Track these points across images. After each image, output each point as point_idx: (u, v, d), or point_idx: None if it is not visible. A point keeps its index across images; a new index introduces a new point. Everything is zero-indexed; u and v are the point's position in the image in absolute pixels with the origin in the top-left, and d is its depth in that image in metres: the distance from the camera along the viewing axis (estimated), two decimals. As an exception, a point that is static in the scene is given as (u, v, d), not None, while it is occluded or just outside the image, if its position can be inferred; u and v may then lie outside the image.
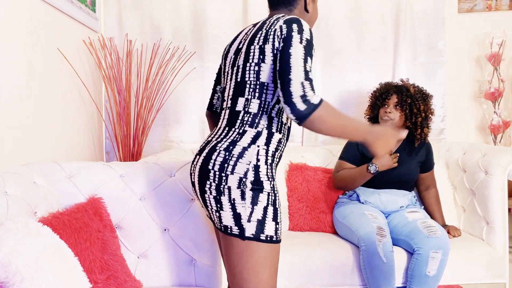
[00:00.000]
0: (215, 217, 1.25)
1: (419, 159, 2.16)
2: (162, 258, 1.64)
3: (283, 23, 1.23)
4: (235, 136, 1.25)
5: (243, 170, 1.20)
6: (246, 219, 1.19)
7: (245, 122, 1.26)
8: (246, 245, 1.20)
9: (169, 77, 2.58)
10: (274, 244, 1.22)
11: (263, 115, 1.26)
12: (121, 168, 1.71)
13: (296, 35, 1.20)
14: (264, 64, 1.24)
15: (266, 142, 1.25)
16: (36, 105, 1.87)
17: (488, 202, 2.08)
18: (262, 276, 1.21)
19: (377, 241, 1.79)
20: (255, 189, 1.20)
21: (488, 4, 2.81)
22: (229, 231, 1.21)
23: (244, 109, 1.27)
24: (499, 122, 2.70)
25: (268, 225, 1.21)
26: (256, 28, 1.32)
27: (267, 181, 1.22)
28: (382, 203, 2.10)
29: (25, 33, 1.79)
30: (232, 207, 1.20)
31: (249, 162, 1.20)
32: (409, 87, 2.13)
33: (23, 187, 1.41)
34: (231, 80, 1.34)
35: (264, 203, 1.20)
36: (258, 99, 1.26)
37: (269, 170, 1.23)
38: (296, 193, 2.26)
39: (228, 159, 1.21)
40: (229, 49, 1.42)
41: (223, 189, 1.20)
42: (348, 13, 2.73)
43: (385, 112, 2.11)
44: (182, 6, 2.72)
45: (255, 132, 1.25)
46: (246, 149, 1.22)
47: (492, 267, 1.97)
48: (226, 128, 1.30)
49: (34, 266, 0.98)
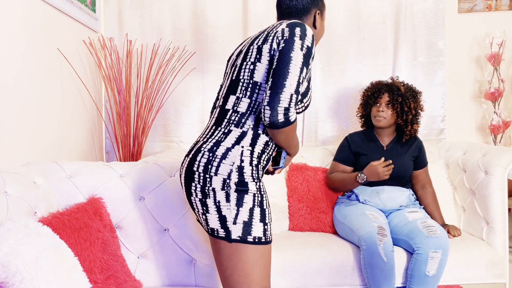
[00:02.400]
0: (202, 220, 1.24)
1: (412, 154, 2.20)
2: (162, 258, 1.64)
3: (285, 26, 1.24)
4: (220, 136, 1.24)
5: (226, 171, 1.18)
6: (232, 221, 1.18)
7: (231, 121, 1.25)
8: (233, 247, 1.19)
9: (169, 77, 2.58)
10: (264, 245, 1.21)
11: (251, 115, 1.25)
12: (121, 168, 1.71)
13: (298, 40, 1.20)
14: (260, 63, 1.24)
15: (252, 143, 1.23)
16: (37, 105, 1.87)
17: (488, 202, 2.08)
18: (253, 277, 1.20)
19: (378, 241, 1.80)
20: (240, 191, 1.18)
21: (488, 4, 2.81)
22: (216, 233, 1.20)
23: (233, 107, 1.26)
24: (499, 122, 2.70)
25: (255, 226, 1.19)
26: (260, 32, 1.34)
27: (252, 182, 1.20)
28: (381, 201, 2.10)
29: (25, 33, 1.79)
30: (218, 210, 1.18)
31: (233, 163, 1.19)
32: (399, 85, 2.19)
33: (23, 187, 1.41)
34: (227, 79, 1.35)
35: (250, 205, 1.19)
36: (249, 98, 1.25)
37: (254, 171, 1.22)
38: (296, 193, 2.26)
39: (211, 160, 1.19)
40: (234, 52, 1.44)
41: (208, 191, 1.19)
42: (348, 13, 2.73)
43: (377, 110, 2.17)
44: (182, 6, 2.72)
45: (240, 132, 1.24)
46: (230, 149, 1.21)
47: (492, 267, 1.97)
48: (213, 127, 1.29)
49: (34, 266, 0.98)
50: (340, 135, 2.73)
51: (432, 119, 2.74)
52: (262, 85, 1.24)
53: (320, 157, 2.45)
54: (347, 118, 2.75)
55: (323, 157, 2.45)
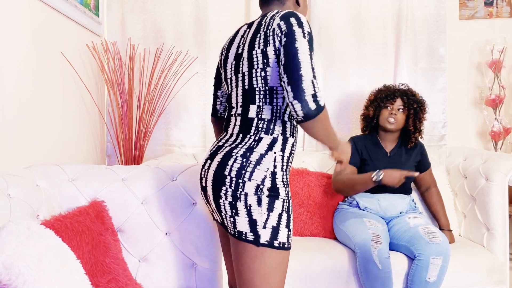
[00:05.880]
0: (228, 223, 1.23)
1: (415, 159, 2.20)
2: (163, 262, 1.64)
3: (279, 20, 1.21)
4: (251, 143, 1.24)
5: (260, 177, 1.19)
6: (262, 226, 1.18)
7: (260, 129, 1.25)
8: (259, 251, 1.19)
9: (171, 82, 2.59)
10: (286, 250, 1.22)
11: (277, 120, 1.25)
12: (123, 171, 1.71)
13: (298, 29, 1.18)
14: (270, 68, 1.22)
15: (282, 148, 1.24)
16: (39, 108, 1.88)
17: (488, 208, 2.08)
18: (272, 282, 1.21)
19: (372, 248, 1.79)
20: (272, 196, 1.19)
21: (489, 11, 2.82)
22: (244, 237, 1.20)
23: (257, 116, 1.26)
24: (500, 129, 2.71)
25: (282, 231, 1.20)
26: (252, 30, 1.30)
27: (283, 187, 1.22)
28: (381, 208, 2.10)
29: (29, 36, 1.80)
30: (248, 213, 1.19)
31: (267, 169, 1.20)
32: (413, 92, 2.20)
33: (25, 190, 1.41)
34: (237, 87, 1.32)
35: (279, 210, 1.20)
36: (270, 104, 1.25)
37: (284, 177, 1.23)
38: (297, 198, 2.26)
39: (245, 165, 1.20)
40: (227, 54, 1.40)
41: (239, 195, 1.19)
42: (349, 19, 2.74)
43: (390, 113, 2.15)
44: (184, 10, 2.73)
45: (271, 138, 1.24)
46: (264, 155, 1.21)
47: (493, 273, 1.97)
48: (240, 134, 1.28)
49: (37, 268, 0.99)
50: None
51: (433, 125, 2.74)
52: (278, 89, 1.24)
53: (321, 162, 2.45)
54: (347, 123, 2.76)
55: (324, 162, 2.45)
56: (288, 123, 1.26)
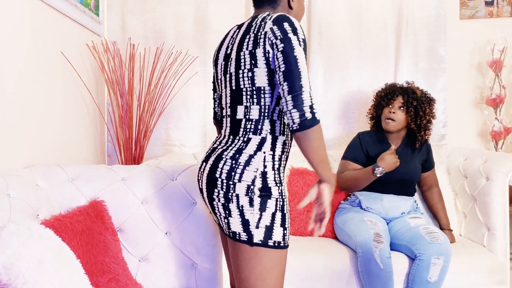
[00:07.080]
0: (223, 223, 1.25)
1: (421, 158, 2.19)
2: (163, 262, 1.64)
3: (272, 25, 1.20)
4: (240, 144, 1.25)
5: (250, 177, 1.19)
6: (255, 226, 1.19)
7: (248, 129, 1.26)
8: (254, 251, 1.20)
9: (171, 81, 2.58)
10: (282, 249, 1.22)
11: (265, 120, 1.25)
12: (123, 171, 1.71)
13: (293, 36, 1.18)
14: (257, 68, 1.22)
15: (272, 147, 1.24)
16: (39, 108, 1.87)
17: (489, 208, 2.08)
18: (269, 281, 1.21)
19: (374, 247, 1.79)
20: (263, 196, 1.20)
21: (489, 11, 2.82)
22: (238, 237, 1.21)
23: (245, 116, 1.26)
24: (501, 129, 2.71)
25: (276, 230, 1.20)
26: (242, 31, 1.29)
27: (275, 186, 1.22)
28: (384, 209, 2.10)
29: (29, 36, 1.80)
30: (241, 214, 1.20)
31: (256, 169, 1.20)
32: (415, 89, 2.17)
33: (25, 190, 1.41)
34: (225, 88, 1.33)
35: (272, 209, 1.20)
36: (257, 104, 1.25)
37: (276, 176, 1.23)
38: (297, 198, 2.26)
39: (234, 167, 1.21)
40: (217, 55, 1.40)
41: (231, 197, 1.20)
42: (350, 19, 2.74)
43: (389, 112, 2.13)
44: (185, 11, 2.73)
45: (260, 138, 1.24)
46: (253, 156, 1.22)
47: (493, 273, 1.97)
48: (231, 136, 1.29)
49: (37, 268, 0.99)
50: (341, 141, 2.73)
51: (434, 125, 2.74)
52: (266, 88, 1.23)
53: (322, 162, 2.44)
54: (348, 123, 2.76)
55: (324, 162, 2.44)
56: (277, 121, 1.26)
